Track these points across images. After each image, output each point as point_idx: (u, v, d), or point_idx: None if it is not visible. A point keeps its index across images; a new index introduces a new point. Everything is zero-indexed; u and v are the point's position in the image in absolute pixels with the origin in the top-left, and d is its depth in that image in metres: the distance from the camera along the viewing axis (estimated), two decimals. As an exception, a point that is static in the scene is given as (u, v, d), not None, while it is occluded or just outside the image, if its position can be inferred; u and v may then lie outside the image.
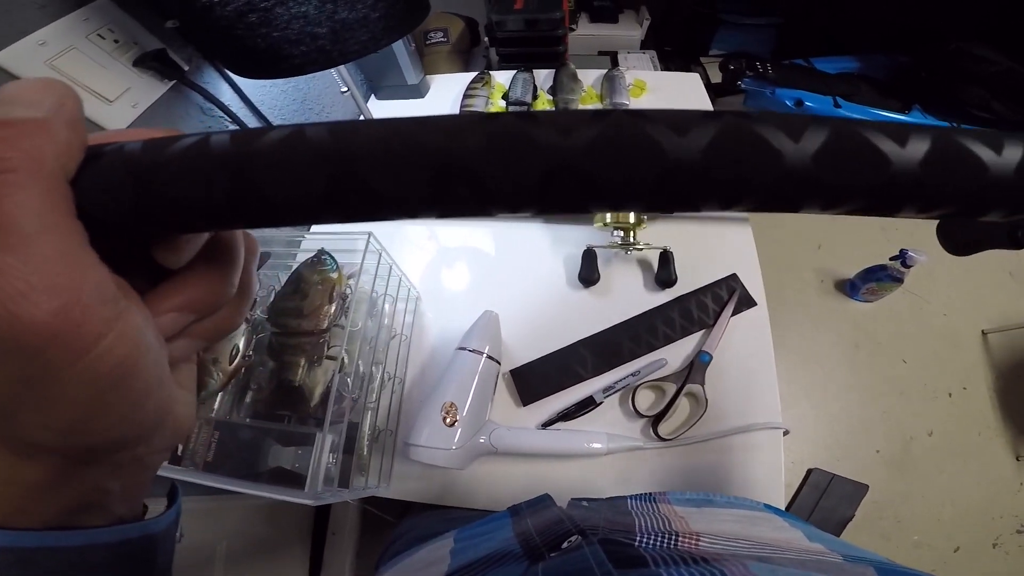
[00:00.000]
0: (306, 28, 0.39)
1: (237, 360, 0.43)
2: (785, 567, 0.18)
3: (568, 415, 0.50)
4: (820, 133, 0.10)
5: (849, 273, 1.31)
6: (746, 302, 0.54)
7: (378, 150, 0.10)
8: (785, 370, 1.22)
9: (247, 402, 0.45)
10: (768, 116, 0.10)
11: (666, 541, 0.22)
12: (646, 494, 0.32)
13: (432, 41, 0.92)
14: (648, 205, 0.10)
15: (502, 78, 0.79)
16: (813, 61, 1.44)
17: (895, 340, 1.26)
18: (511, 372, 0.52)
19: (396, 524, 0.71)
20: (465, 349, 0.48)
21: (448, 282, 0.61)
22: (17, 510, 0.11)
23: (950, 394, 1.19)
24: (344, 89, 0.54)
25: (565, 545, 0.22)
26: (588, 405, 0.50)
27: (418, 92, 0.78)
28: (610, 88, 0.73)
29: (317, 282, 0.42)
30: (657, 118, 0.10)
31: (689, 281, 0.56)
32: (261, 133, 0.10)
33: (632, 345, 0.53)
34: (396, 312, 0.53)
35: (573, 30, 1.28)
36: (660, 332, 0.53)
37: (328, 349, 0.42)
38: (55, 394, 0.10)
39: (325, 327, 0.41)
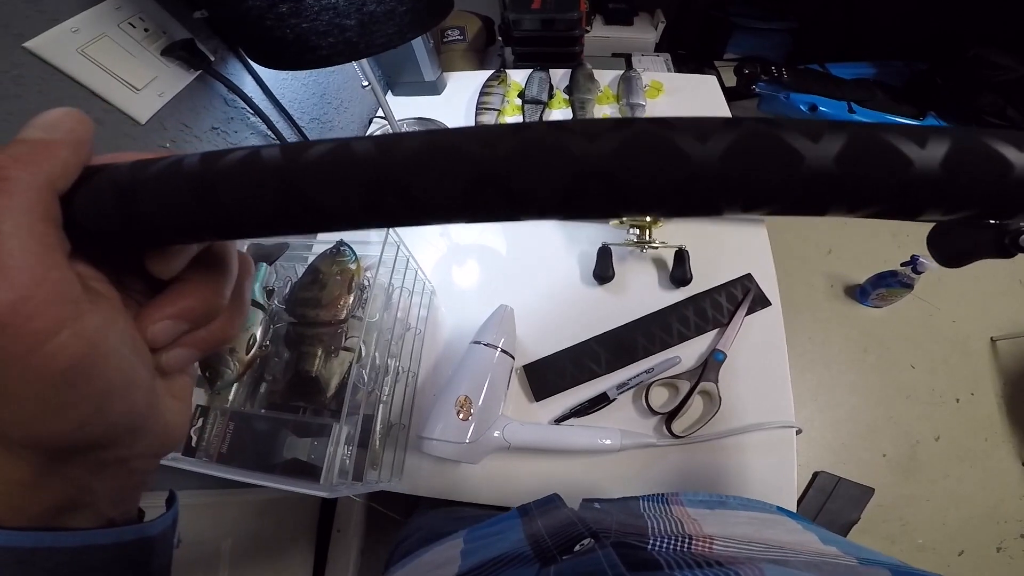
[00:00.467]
0: (335, 20, 0.39)
1: (254, 350, 0.43)
2: (800, 571, 0.18)
3: (581, 411, 0.50)
4: (839, 137, 0.10)
5: (859, 278, 1.30)
6: (760, 302, 0.54)
7: (324, 166, 0.11)
8: (794, 373, 1.19)
9: (262, 393, 0.45)
10: (786, 121, 0.10)
11: (679, 544, 0.22)
12: (658, 495, 0.32)
13: (449, 39, 0.92)
14: (673, 211, 0.11)
15: (518, 77, 0.80)
16: (828, 66, 1.44)
17: (904, 345, 1.25)
18: (524, 367, 0.52)
19: (401, 521, 0.71)
20: (480, 343, 0.49)
21: (462, 277, 0.61)
22: (3, 508, 0.12)
23: (958, 400, 1.19)
24: (365, 83, 0.54)
25: (577, 548, 0.22)
26: (601, 402, 0.50)
27: (435, 89, 0.78)
28: (627, 89, 0.73)
29: (336, 273, 0.42)
30: (680, 125, 0.10)
31: (704, 280, 0.56)
32: (225, 154, 0.12)
33: (646, 343, 0.53)
34: (411, 305, 0.54)
35: (587, 31, 1.28)
36: (674, 330, 0.53)
37: (345, 340, 0.42)
38: (10, 385, 0.10)
39: (343, 318, 0.42)
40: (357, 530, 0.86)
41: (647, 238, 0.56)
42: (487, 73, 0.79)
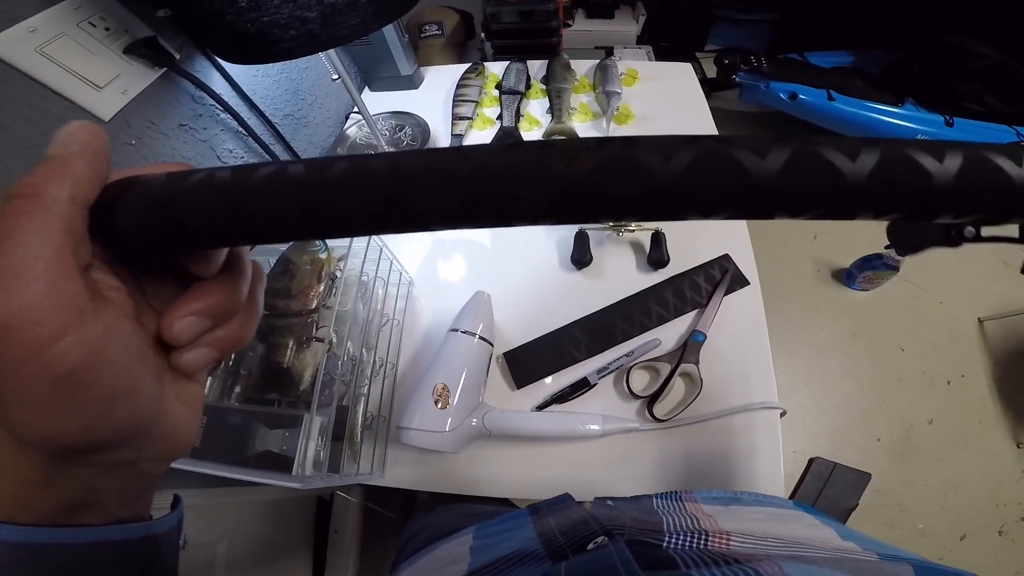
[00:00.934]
0: (295, 12, 0.39)
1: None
2: (821, 567, 0.17)
3: (562, 397, 0.49)
4: (783, 152, 0.11)
5: (845, 262, 1.31)
6: (739, 281, 0.54)
7: (343, 180, 0.12)
8: (784, 360, 1.21)
9: (237, 389, 0.45)
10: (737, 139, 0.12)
11: (696, 541, 0.22)
12: (672, 492, 0.31)
13: (427, 34, 0.93)
14: (642, 216, 0.12)
15: (496, 69, 0.80)
16: (807, 55, 1.45)
17: (893, 329, 1.26)
18: (504, 355, 0.52)
19: (399, 522, 0.70)
20: (457, 331, 0.48)
21: (440, 266, 0.61)
22: (16, 505, 0.12)
23: (949, 382, 1.19)
24: (335, 77, 0.54)
25: (591, 546, 0.22)
26: (582, 387, 0.50)
27: (412, 83, 0.79)
28: (603, 77, 0.73)
29: (306, 263, 0.42)
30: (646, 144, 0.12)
31: (681, 261, 0.56)
32: (255, 169, 0.13)
33: (625, 326, 0.53)
34: (388, 297, 0.53)
35: (569, 25, 1.29)
36: (653, 312, 0.53)
37: (316, 330, 0.42)
38: (15, 386, 0.11)
39: (313, 307, 0.41)
40: (355, 531, 0.85)
41: (623, 222, 0.56)
42: (465, 66, 0.79)
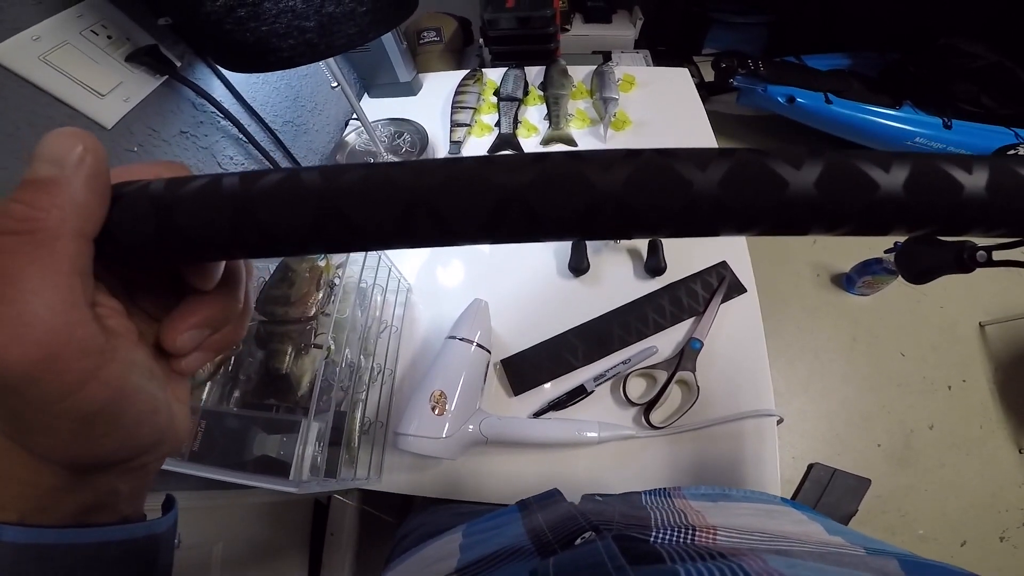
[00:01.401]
0: (294, 22, 0.39)
1: (227, 350, 0.43)
2: (805, 560, 0.17)
3: (559, 404, 0.49)
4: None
5: (845, 267, 1.31)
6: (736, 289, 0.55)
7: (361, 188, 0.12)
8: (783, 364, 1.21)
9: (236, 394, 0.45)
10: (783, 151, 0.12)
11: (683, 536, 0.22)
12: (660, 489, 0.31)
13: (425, 40, 0.93)
14: (676, 232, 0.12)
15: (494, 75, 0.80)
16: (804, 58, 1.46)
17: (893, 333, 1.25)
18: (502, 362, 0.52)
19: (395, 524, 0.70)
20: (454, 338, 0.48)
21: (439, 273, 0.61)
22: (37, 508, 0.13)
23: (949, 387, 1.18)
24: (334, 84, 0.55)
25: (578, 542, 0.22)
26: (579, 394, 0.50)
27: (410, 90, 0.79)
28: (600, 83, 0.74)
29: (305, 270, 0.42)
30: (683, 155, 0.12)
31: (678, 269, 0.56)
32: (264, 175, 0.12)
33: (622, 333, 0.53)
34: (387, 303, 0.54)
35: (567, 30, 1.30)
36: (650, 320, 0.53)
37: (315, 337, 0.42)
38: (46, 424, 0.11)
39: (312, 314, 0.42)
40: (351, 533, 0.85)
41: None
42: (463, 73, 0.79)
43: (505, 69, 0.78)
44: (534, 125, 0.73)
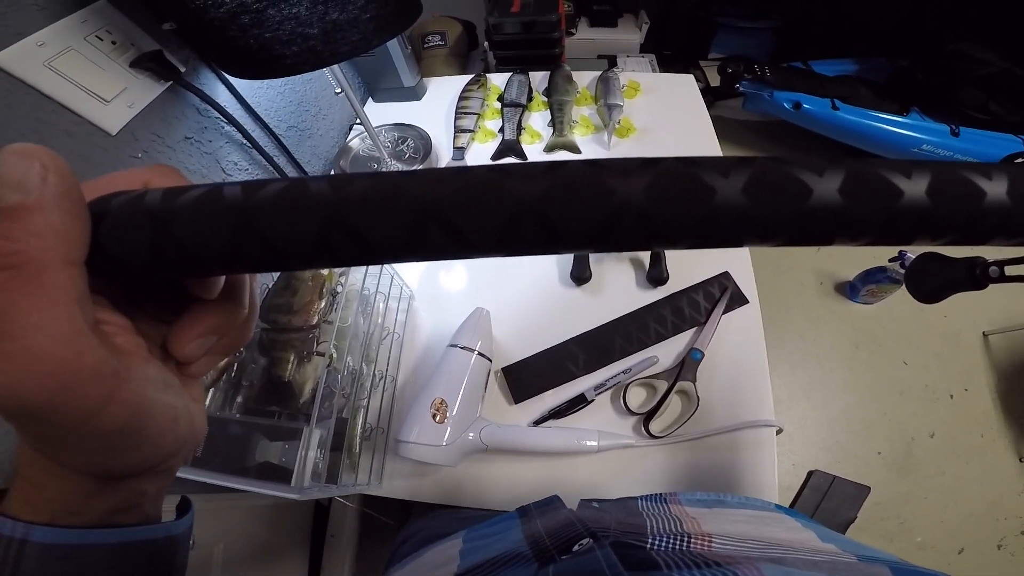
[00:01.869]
0: (297, 29, 0.39)
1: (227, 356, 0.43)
2: (799, 568, 0.17)
3: (560, 413, 0.50)
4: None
5: (849, 275, 1.30)
6: (738, 300, 0.54)
7: (369, 199, 0.11)
8: (785, 372, 1.21)
9: (239, 400, 0.45)
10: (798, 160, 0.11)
11: (678, 543, 0.22)
12: (656, 495, 0.31)
13: (430, 44, 0.93)
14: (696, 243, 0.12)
15: (498, 80, 0.80)
16: (811, 64, 1.45)
17: (896, 342, 1.25)
18: (503, 370, 0.52)
19: (395, 527, 0.70)
20: (456, 346, 0.49)
21: (441, 281, 0.61)
22: (69, 511, 0.13)
23: (951, 396, 1.18)
24: (338, 90, 0.55)
25: (576, 548, 0.22)
26: (579, 403, 0.50)
27: (414, 95, 0.79)
28: (605, 89, 0.73)
29: (308, 278, 0.42)
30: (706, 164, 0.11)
31: (681, 279, 0.56)
32: (266, 184, 0.12)
33: (623, 343, 0.53)
34: (389, 311, 0.54)
35: (572, 34, 1.29)
36: (651, 330, 0.53)
37: (317, 345, 0.42)
38: (72, 445, 0.12)
39: (314, 322, 0.42)
40: (351, 536, 0.85)
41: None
42: (467, 78, 0.79)
43: (509, 74, 0.78)
44: (538, 131, 0.73)
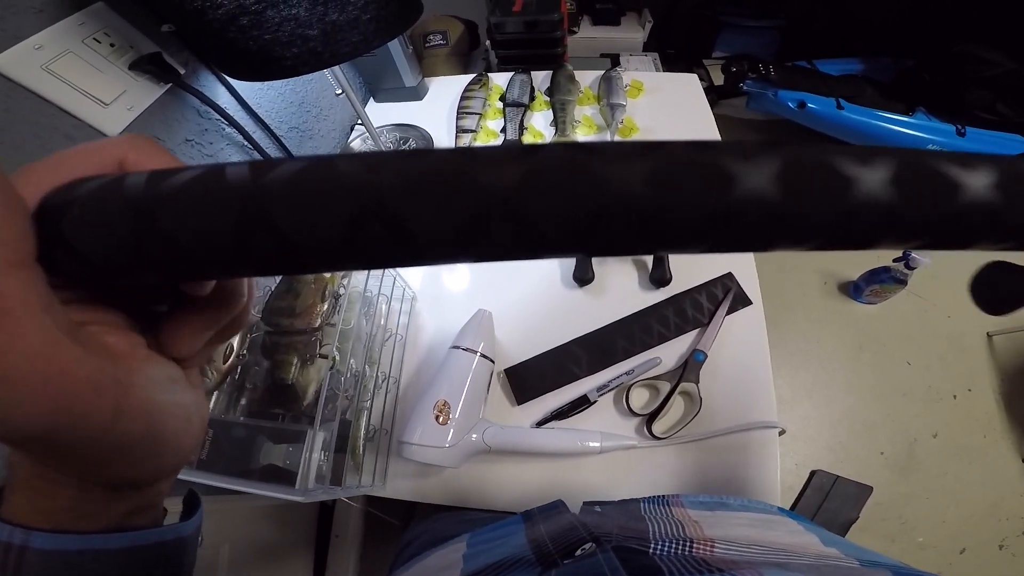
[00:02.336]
0: (297, 30, 0.39)
1: (231, 359, 0.43)
2: (800, 573, 0.17)
3: (562, 414, 0.49)
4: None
5: (852, 275, 1.29)
6: (741, 301, 0.54)
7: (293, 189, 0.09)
8: (788, 371, 1.21)
9: (243, 402, 0.45)
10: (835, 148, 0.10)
11: (680, 548, 0.22)
12: (659, 497, 0.31)
13: (431, 44, 0.92)
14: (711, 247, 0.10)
15: (500, 80, 0.80)
16: (816, 63, 1.43)
17: (899, 342, 1.24)
18: (506, 371, 0.52)
19: (400, 527, 0.70)
20: (458, 348, 0.49)
21: (444, 282, 0.61)
22: (84, 516, 0.13)
23: (955, 396, 1.18)
24: (339, 91, 0.55)
25: (579, 553, 0.22)
26: (582, 404, 0.50)
27: (416, 95, 0.79)
28: (607, 89, 0.73)
29: (310, 281, 0.42)
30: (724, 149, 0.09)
31: (684, 280, 0.55)
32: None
33: (626, 344, 0.53)
34: (391, 312, 0.54)
35: (575, 33, 1.28)
36: (654, 331, 0.53)
37: (320, 347, 0.42)
38: (89, 461, 0.11)
39: (317, 325, 0.42)
40: (356, 536, 0.86)
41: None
42: (469, 77, 0.79)
43: (511, 74, 0.78)
44: (540, 131, 0.72)
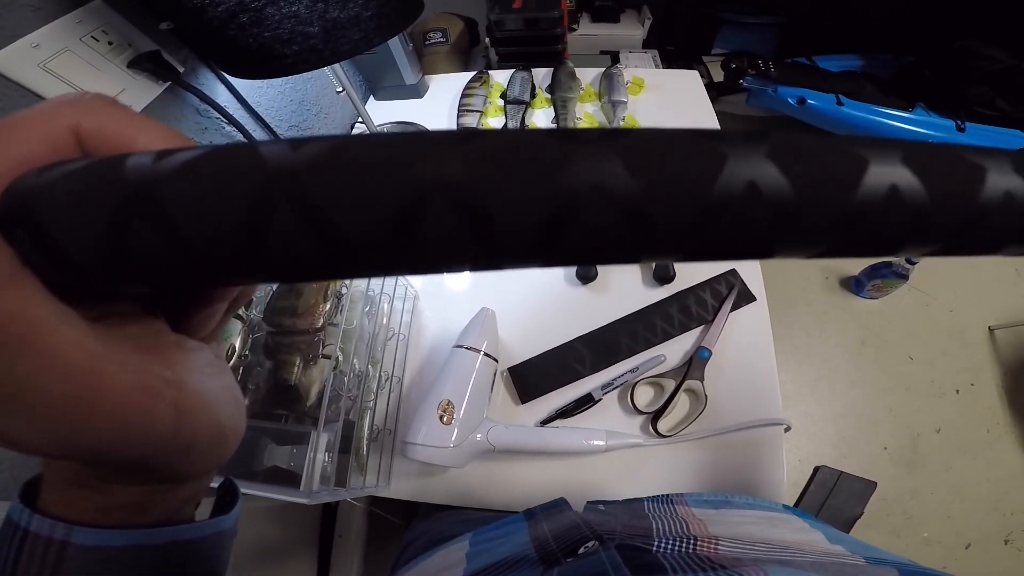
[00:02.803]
0: (297, 27, 0.39)
1: (233, 360, 0.43)
2: (806, 571, 0.17)
3: (567, 412, 0.49)
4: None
5: (854, 270, 1.29)
6: (745, 297, 0.54)
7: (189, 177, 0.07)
8: (791, 367, 1.21)
9: (246, 403, 0.45)
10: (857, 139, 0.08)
11: (684, 546, 0.22)
12: (663, 496, 0.31)
13: (431, 41, 0.92)
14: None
15: (500, 77, 0.79)
16: (815, 59, 1.43)
17: (901, 337, 1.24)
18: (509, 370, 0.52)
19: (403, 526, 0.70)
20: (462, 347, 0.48)
21: (446, 281, 0.61)
22: (140, 511, 0.13)
23: (957, 391, 1.18)
24: (339, 89, 0.54)
25: (582, 551, 0.22)
26: (587, 402, 0.49)
27: (416, 92, 0.78)
28: (609, 86, 0.72)
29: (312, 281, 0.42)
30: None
31: (687, 277, 0.55)
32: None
33: (630, 342, 0.52)
34: (394, 311, 0.53)
35: (574, 30, 1.27)
36: (658, 328, 0.53)
37: (323, 348, 0.42)
38: (165, 460, 0.11)
39: (319, 325, 0.41)
40: (359, 535, 0.86)
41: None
42: (469, 75, 0.78)
43: (512, 71, 0.77)
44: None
